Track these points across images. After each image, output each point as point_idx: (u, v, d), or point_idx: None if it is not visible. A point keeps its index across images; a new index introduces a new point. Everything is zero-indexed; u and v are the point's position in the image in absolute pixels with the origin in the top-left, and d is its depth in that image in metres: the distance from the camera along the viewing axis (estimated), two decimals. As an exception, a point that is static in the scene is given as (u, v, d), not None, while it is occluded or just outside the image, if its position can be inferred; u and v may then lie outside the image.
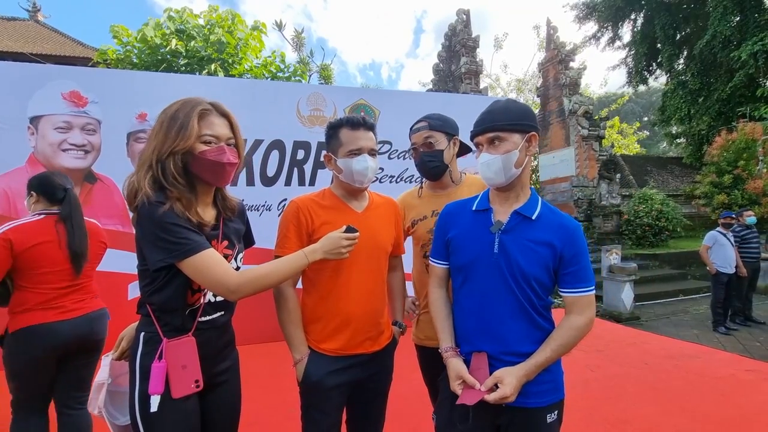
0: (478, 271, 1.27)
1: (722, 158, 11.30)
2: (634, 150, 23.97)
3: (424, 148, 1.67)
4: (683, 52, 16.77)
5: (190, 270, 1.13)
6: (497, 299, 1.23)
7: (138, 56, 9.20)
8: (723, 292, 5.88)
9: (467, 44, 11.82)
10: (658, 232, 10.49)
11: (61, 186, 2.01)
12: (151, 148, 1.17)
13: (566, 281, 1.24)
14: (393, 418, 1.69)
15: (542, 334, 1.24)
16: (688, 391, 3.23)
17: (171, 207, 1.13)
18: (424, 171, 1.71)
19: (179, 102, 1.21)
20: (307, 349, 1.46)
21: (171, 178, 1.16)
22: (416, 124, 1.72)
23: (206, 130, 1.19)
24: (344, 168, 1.46)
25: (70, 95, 3.95)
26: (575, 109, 12.29)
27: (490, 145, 1.24)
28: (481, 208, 1.33)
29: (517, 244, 1.23)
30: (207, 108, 1.21)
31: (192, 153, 1.18)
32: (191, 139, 1.16)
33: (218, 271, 1.14)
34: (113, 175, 4.08)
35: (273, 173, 4.50)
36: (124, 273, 4.06)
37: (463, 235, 1.32)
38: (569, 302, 1.25)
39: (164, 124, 1.18)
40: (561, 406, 1.28)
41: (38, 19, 17.65)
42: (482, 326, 1.25)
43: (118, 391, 1.39)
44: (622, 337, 4.64)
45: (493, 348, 1.23)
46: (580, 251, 1.23)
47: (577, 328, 1.22)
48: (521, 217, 1.25)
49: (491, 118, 1.25)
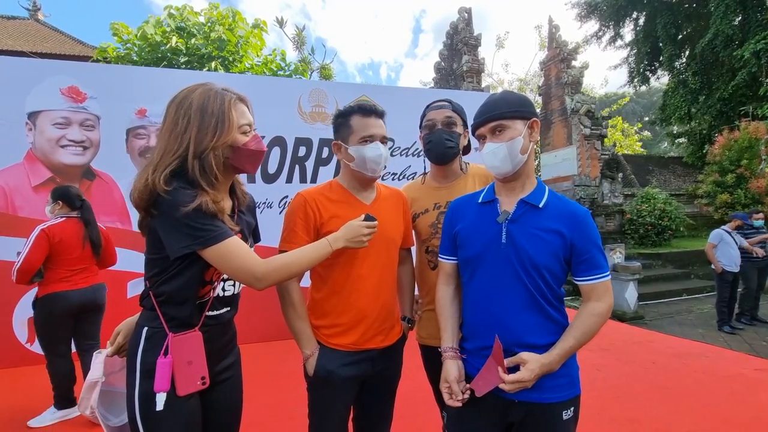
0: (487, 262, 1.24)
1: (725, 157, 11.25)
2: (635, 150, 23.94)
3: (443, 126, 1.59)
4: (685, 51, 16.72)
5: (216, 257, 1.09)
6: (507, 291, 1.20)
7: (138, 54, 9.16)
8: (728, 291, 5.84)
9: (469, 42, 11.79)
10: (661, 232, 10.44)
11: (79, 197, 2.89)
12: (176, 146, 1.11)
13: (581, 269, 1.20)
14: (397, 417, 1.63)
15: (555, 326, 1.20)
16: (697, 390, 3.18)
17: (198, 198, 1.08)
18: (437, 151, 1.59)
19: (197, 92, 1.14)
20: (317, 344, 1.42)
21: (211, 175, 1.12)
22: (435, 102, 1.64)
23: (242, 120, 1.18)
24: (356, 156, 1.41)
25: (69, 91, 3.89)
26: (577, 107, 12.24)
27: (494, 135, 1.23)
28: (487, 199, 1.31)
29: (525, 233, 1.20)
30: (234, 96, 1.18)
31: (233, 146, 1.15)
32: (233, 132, 1.14)
33: (245, 258, 1.11)
34: (112, 172, 4.03)
35: (274, 170, 4.45)
36: (124, 271, 4.01)
37: (470, 228, 1.30)
38: (586, 290, 1.21)
39: (193, 118, 1.11)
40: (577, 402, 1.22)
41: (38, 18, 17.63)
42: (492, 319, 1.21)
43: (110, 390, 1.31)
44: (628, 336, 4.58)
45: (505, 341, 1.17)
46: (592, 238, 1.19)
47: (599, 314, 1.17)
48: (528, 206, 1.23)
49: (492, 108, 1.23)
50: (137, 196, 1.08)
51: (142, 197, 1.07)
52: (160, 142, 1.14)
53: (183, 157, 1.11)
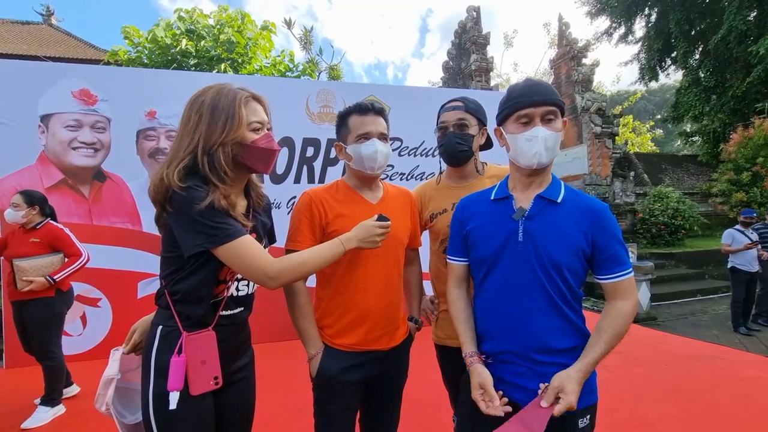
0: (503, 262, 1.18)
1: (740, 155, 11.02)
2: (647, 148, 23.60)
3: (454, 128, 1.56)
4: (698, 47, 16.42)
5: (229, 256, 1.09)
6: (525, 291, 1.14)
7: (149, 57, 9.24)
8: (743, 291, 5.72)
9: (477, 41, 11.72)
10: (674, 231, 10.25)
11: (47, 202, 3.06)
12: (188, 141, 1.13)
13: (604, 267, 1.14)
14: (405, 419, 1.62)
15: (574, 328, 1.15)
16: (712, 392, 3.11)
17: (210, 195, 1.09)
18: (449, 154, 1.58)
19: (212, 90, 1.16)
20: (322, 345, 1.41)
21: (221, 171, 1.12)
22: (449, 102, 1.61)
23: (253, 117, 1.17)
24: (354, 154, 1.41)
25: (80, 93, 3.95)
26: (588, 106, 12.09)
27: (544, 120, 1.14)
28: (500, 196, 1.25)
29: (543, 230, 1.14)
30: (247, 94, 1.18)
31: (242, 143, 1.15)
32: (242, 128, 1.14)
33: (258, 257, 1.11)
34: (122, 173, 4.07)
35: (282, 170, 4.47)
36: (134, 271, 4.06)
37: (483, 227, 1.24)
38: (610, 288, 1.15)
39: (204, 115, 1.13)
40: (594, 410, 1.17)
41: (51, 22, 17.92)
42: (509, 322, 1.16)
43: (126, 387, 1.32)
44: (640, 338, 4.51)
45: (522, 345, 1.14)
46: (613, 233, 1.14)
47: (626, 314, 1.11)
48: (546, 202, 1.17)
49: (547, 91, 1.15)
50: (153, 191, 1.10)
51: (158, 192, 1.09)
52: (176, 139, 1.16)
53: (194, 153, 1.12)
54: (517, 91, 1.17)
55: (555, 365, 1.11)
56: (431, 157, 4.94)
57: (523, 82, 1.20)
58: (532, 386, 1.10)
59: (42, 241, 2.86)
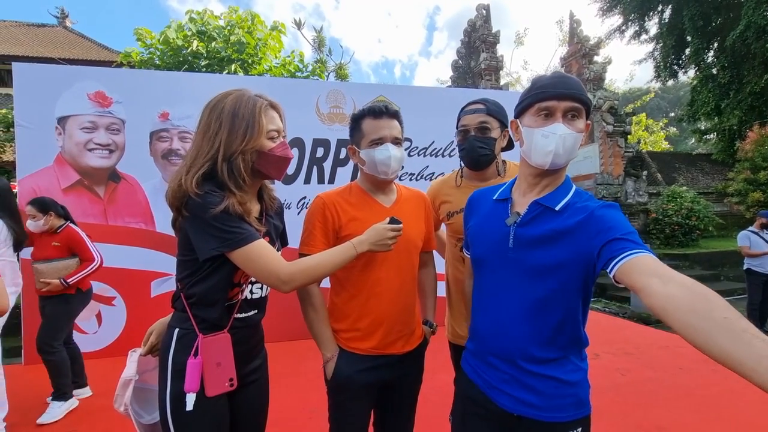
0: (493, 265, 1.14)
1: (757, 153, 10.80)
2: (661, 147, 23.24)
3: (476, 132, 1.55)
4: (713, 44, 16.10)
5: (242, 259, 1.11)
6: (512, 297, 1.10)
7: (161, 58, 9.35)
8: (759, 293, 5.60)
9: (487, 40, 11.65)
10: (689, 232, 10.10)
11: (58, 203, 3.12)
12: (208, 148, 1.15)
13: (606, 258, 0.93)
14: (417, 419, 1.62)
15: (563, 338, 1.08)
16: (728, 397, 3.05)
17: (226, 200, 1.11)
18: (471, 158, 1.57)
19: (231, 97, 1.18)
20: (337, 348, 1.42)
21: (239, 178, 1.15)
22: (470, 105, 1.60)
23: (270, 126, 1.20)
24: (367, 159, 1.41)
25: (96, 95, 4.01)
26: (600, 104, 11.95)
27: (566, 117, 1.04)
28: (502, 197, 1.19)
29: (533, 239, 1.07)
30: (266, 103, 1.20)
31: (260, 150, 1.17)
32: (261, 137, 1.17)
33: (271, 261, 1.12)
34: (136, 174, 4.13)
35: (292, 171, 4.49)
36: (148, 270, 4.12)
37: (480, 226, 1.22)
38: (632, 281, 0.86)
39: (225, 122, 1.15)
40: (586, 423, 1.11)
41: (66, 25, 18.24)
42: (495, 325, 1.13)
43: (143, 388, 1.35)
44: (653, 340, 4.45)
45: (504, 350, 1.11)
46: (616, 229, 0.94)
47: (694, 283, 0.80)
48: (542, 208, 1.08)
49: (574, 85, 1.04)
50: (171, 196, 1.13)
51: (176, 197, 1.11)
52: (194, 145, 1.18)
53: (214, 160, 1.14)
54: (542, 81, 1.07)
55: (540, 377, 1.06)
56: (441, 157, 4.93)
57: (551, 73, 1.11)
58: (517, 394, 1.08)
59: (62, 245, 2.99)
